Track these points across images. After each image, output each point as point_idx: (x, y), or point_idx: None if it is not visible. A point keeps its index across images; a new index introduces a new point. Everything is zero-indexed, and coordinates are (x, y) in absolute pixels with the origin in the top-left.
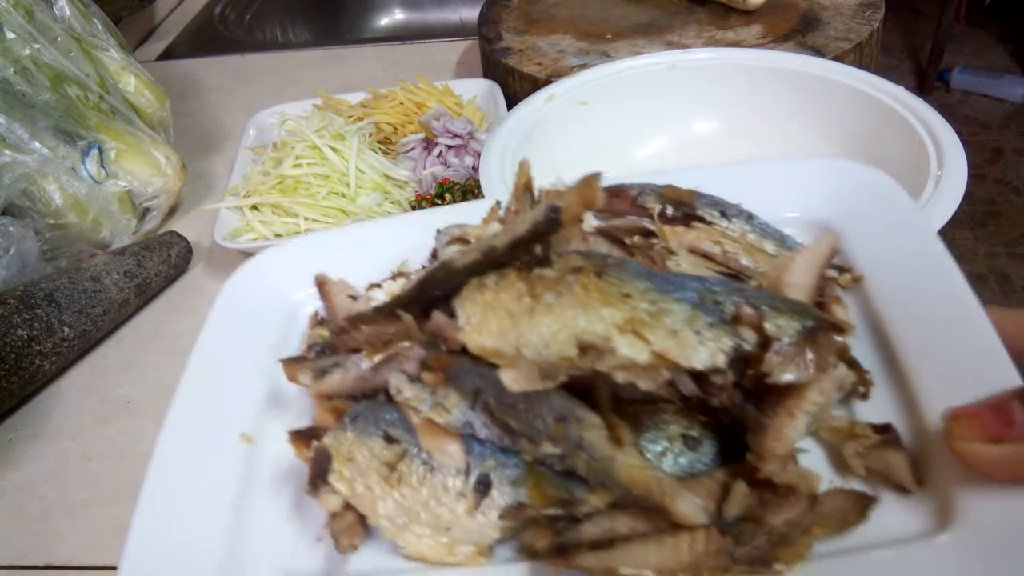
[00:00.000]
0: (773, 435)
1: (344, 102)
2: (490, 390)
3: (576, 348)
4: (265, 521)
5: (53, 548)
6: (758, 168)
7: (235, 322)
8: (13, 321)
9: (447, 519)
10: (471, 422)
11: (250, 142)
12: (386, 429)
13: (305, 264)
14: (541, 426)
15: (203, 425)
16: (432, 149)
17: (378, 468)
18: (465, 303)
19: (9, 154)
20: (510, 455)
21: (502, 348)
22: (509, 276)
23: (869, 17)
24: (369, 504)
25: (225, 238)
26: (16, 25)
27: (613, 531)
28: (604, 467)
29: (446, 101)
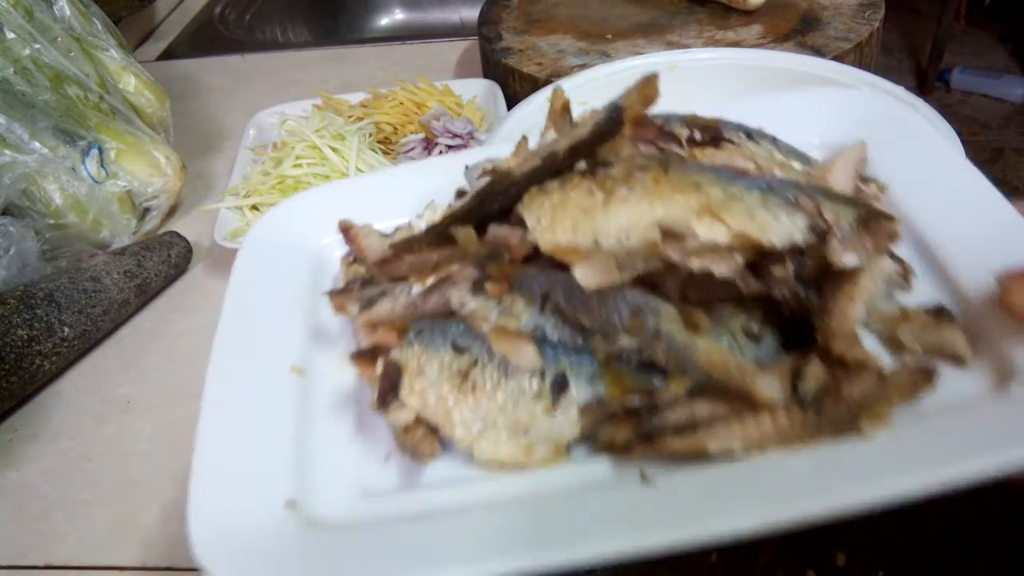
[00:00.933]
0: (839, 316)
1: (344, 102)
2: (560, 291)
3: (658, 232)
4: (329, 447)
5: (53, 548)
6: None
7: (265, 266)
8: (13, 321)
9: (525, 421)
10: (541, 326)
11: (250, 142)
12: (454, 340)
13: (327, 211)
14: (617, 320)
15: (250, 361)
16: (432, 149)
17: (450, 378)
18: (532, 207)
19: (9, 154)
20: (584, 354)
21: (579, 243)
22: (573, 179)
23: (869, 17)
24: (443, 414)
25: (225, 238)
26: (16, 25)
27: (694, 416)
28: (684, 354)
29: (446, 101)
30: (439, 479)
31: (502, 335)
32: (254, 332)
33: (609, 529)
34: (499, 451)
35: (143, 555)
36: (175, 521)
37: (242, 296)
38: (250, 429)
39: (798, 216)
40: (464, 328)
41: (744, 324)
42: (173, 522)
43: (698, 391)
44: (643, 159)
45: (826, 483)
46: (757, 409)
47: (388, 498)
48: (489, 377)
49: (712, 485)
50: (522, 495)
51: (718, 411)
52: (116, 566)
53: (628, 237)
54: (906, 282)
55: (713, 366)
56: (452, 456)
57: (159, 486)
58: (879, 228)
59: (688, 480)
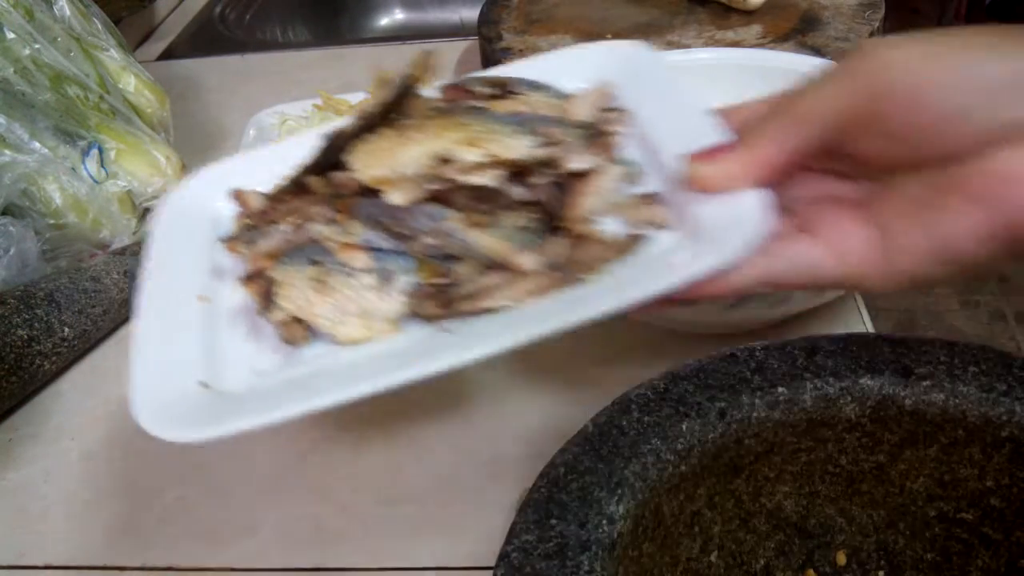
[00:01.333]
0: (576, 205)
1: (344, 102)
2: (382, 213)
3: (435, 160)
4: (230, 345)
5: (53, 548)
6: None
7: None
8: (13, 321)
9: (366, 307)
10: (371, 240)
11: (250, 142)
12: (311, 257)
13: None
14: (421, 226)
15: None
16: None
17: (310, 284)
18: (355, 154)
19: (9, 154)
20: (403, 255)
21: (386, 174)
22: (383, 131)
23: (869, 17)
24: (308, 310)
25: None
26: (16, 25)
27: (481, 285)
28: (469, 245)
29: None
30: (312, 357)
31: (343, 248)
32: (173, 272)
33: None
34: (351, 331)
35: (143, 555)
36: (175, 521)
37: (161, 246)
38: (172, 336)
39: (533, 138)
40: (319, 248)
41: (518, 221)
42: (173, 522)
43: (483, 269)
44: (430, 111)
45: (553, 313)
46: (521, 276)
47: (276, 374)
48: (337, 279)
49: (488, 327)
50: (369, 355)
51: (496, 281)
52: (116, 566)
53: (416, 165)
54: (637, 178)
55: (489, 250)
56: (320, 340)
57: (159, 486)
58: (601, 142)
59: (473, 327)
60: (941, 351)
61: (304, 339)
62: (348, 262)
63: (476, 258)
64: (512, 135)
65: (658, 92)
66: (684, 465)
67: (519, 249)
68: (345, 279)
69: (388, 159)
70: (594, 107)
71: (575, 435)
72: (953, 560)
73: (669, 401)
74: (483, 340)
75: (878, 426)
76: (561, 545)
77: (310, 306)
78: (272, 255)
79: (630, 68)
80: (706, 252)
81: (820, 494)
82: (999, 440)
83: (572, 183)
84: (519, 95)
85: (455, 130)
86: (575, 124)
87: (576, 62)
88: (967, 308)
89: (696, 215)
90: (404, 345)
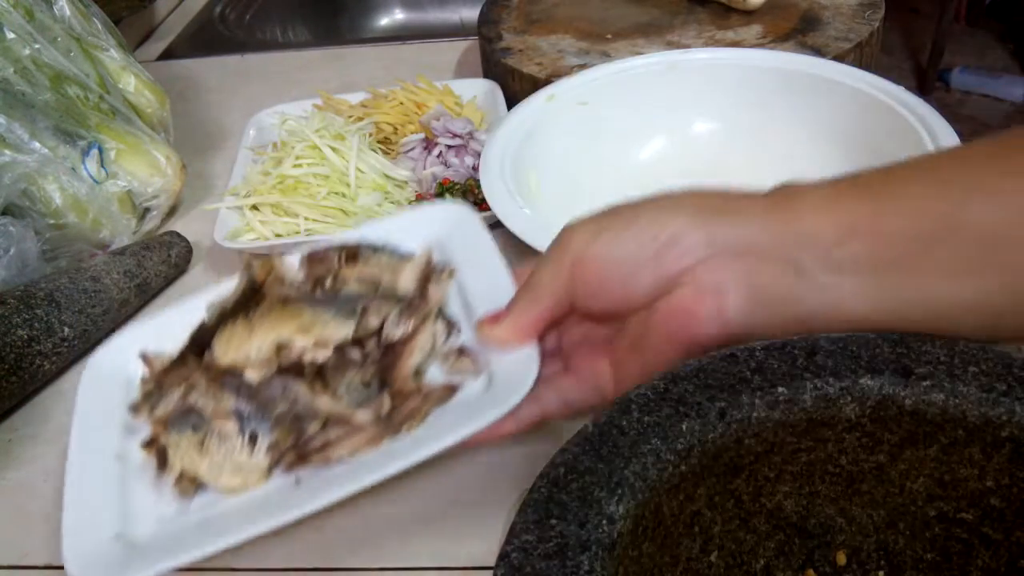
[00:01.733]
0: (400, 365)
1: (344, 102)
2: (244, 386)
3: (276, 347)
4: (138, 496)
5: (53, 548)
6: (396, 219)
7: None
8: (13, 321)
9: (238, 462)
10: (239, 407)
11: (250, 142)
12: (192, 425)
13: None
14: (275, 396)
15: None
16: (432, 149)
17: (194, 447)
18: (217, 342)
19: (9, 154)
20: (263, 419)
21: (241, 360)
22: (238, 321)
23: (869, 17)
24: (194, 468)
25: (225, 238)
26: (16, 25)
27: (327, 439)
28: (312, 408)
29: (446, 101)
30: (200, 505)
31: (217, 416)
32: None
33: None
34: (230, 482)
35: None
36: None
37: (85, 410)
38: (92, 493)
39: (349, 320)
40: (199, 416)
41: (359, 377)
42: None
43: (326, 425)
44: (274, 300)
45: (382, 462)
46: (358, 429)
47: (173, 520)
48: (214, 441)
49: (331, 477)
50: (246, 501)
51: (338, 433)
52: None
53: (262, 352)
54: (456, 333)
55: (329, 411)
56: (206, 491)
57: None
58: (415, 311)
59: (320, 476)
60: (941, 351)
61: (193, 490)
62: (222, 428)
63: (320, 418)
64: (335, 320)
65: (476, 252)
66: (684, 465)
67: (354, 407)
68: (221, 441)
69: (241, 346)
70: (422, 271)
71: (575, 435)
72: (953, 560)
73: (669, 401)
74: (329, 489)
75: (878, 426)
76: (561, 545)
77: (194, 464)
78: (164, 421)
79: (457, 229)
80: (496, 402)
81: (820, 494)
82: (999, 440)
83: (396, 347)
84: (366, 258)
85: (291, 320)
86: (398, 297)
87: (415, 223)
88: None
89: (492, 365)
90: (272, 489)
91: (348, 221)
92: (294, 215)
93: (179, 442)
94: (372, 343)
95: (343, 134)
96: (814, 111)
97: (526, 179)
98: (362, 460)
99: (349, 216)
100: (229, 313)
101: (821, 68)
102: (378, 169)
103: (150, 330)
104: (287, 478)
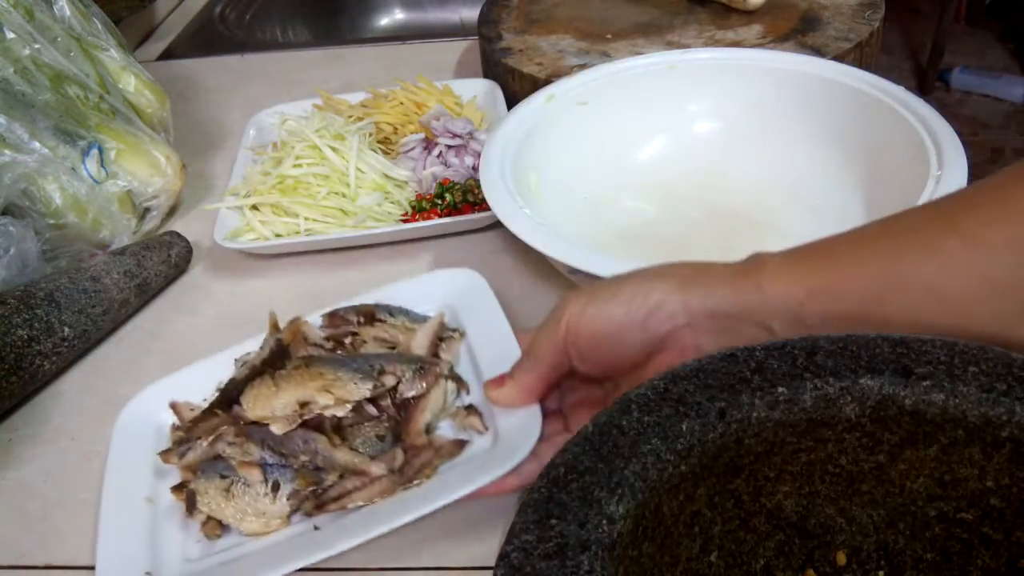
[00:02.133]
0: (412, 422)
1: (344, 102)
2: (269, 437)
3: (299, 405)
4: (167, 538)
5: (53, 548)
6: (410, 283)
7: (130, 434)
8: (13, 321)
9: (261, 508)
10: (263, 456)
11: (250, 142)
12: (220, 472)
13: (166, 396)
14: (297, 448)
15: (123, 496)
16: (432, 149)
17: (221, 493)
18: (246, 397)
19: (9, 154)
20: (286, 468)
21: (267, 414)
22: (265, 378)
23: (869, 17)
24: (220, 512)
25: (225, 238)
26: (16, 25)
27: (344, 489)
28: (331, 459)
29: (446, 101)
30: (224, 546)
31: (242, 465)
32: (126, 477)
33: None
34: (252, 526)
35: None
36: None
37: (118, 455)
38: (125, 533)
39: (368, 381)
40: (225, 465)
41: (374, 431)
42: None
43: (343, 475)
44: (298, 361)
45: (395, 512)
46: (373, 480)
47: (199, 560)
48: (240, 488)
49: (346, 524)
50: (267, 544)
51: (355, 484)
52: None
53: (286, 408)
54: (466, 392)
55: (344, 462)
56: (231, 534)
57: None
58: (428, 373)
59: (337, 524)
60: (941, 351)
61: (218, 533)
62: (247, 475)
63: (338, 468)
64: (354, 380)
65: (484, 315)
66: (684, 465)
67: (370, 459)
68: (246, 488)
69: (267, 402)
70: (435, 333)
71: (575, 435)
72: (953, 560)
73: (669, 401)
74: (346, 536)
75: (878, 426)
76: (561, 545)
77: (221, 509)
78: (192, 467)
79: (467, 293)
80: (502, 460)
81: (820, 494)
82: (999, 440)
83: (409, 405)
84: (382, 321)
85: (314, 379)
86: (411, 359)
87: (428, 286)
88: None
89: (498, 424)
90: (292, 534)
91: (348, 221)
92: (294, 215)
93: (207, 488)
94: (387, 400)
95: (343, 134)
96: (814, 111)
97: (526, 179)
98: (376, 508)
99: (349, 216)
100: (257, 370)
101: (821, 68)
102: (378, 169)
103: (179, 382)
104: (306, 523)
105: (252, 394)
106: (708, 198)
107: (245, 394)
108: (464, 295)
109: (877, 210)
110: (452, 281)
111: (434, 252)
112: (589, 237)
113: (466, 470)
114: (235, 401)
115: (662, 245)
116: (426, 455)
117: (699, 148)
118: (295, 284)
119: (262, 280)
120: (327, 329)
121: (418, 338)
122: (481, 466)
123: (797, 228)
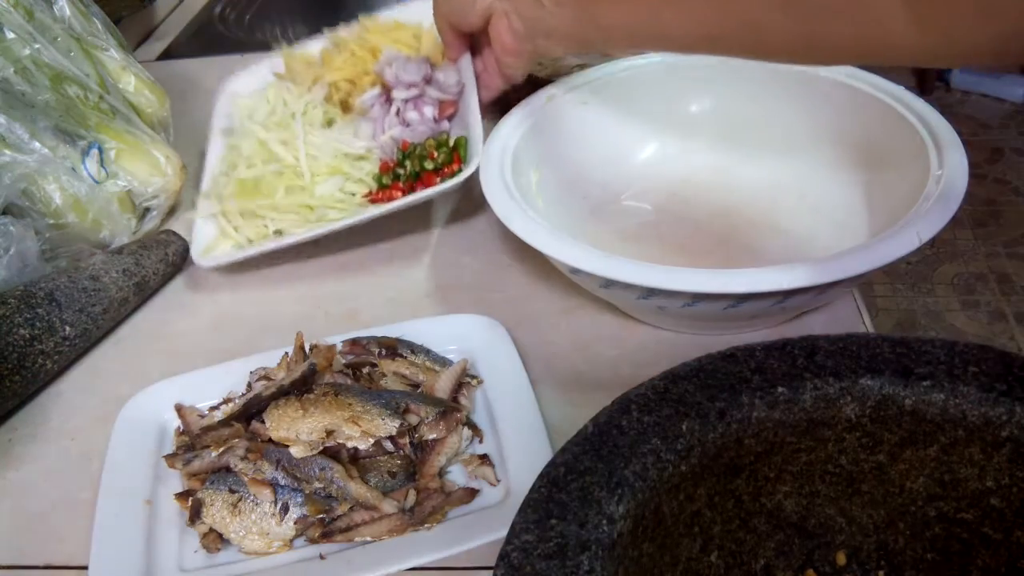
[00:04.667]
0: (427, 464)
1: (304, 58)
2: (285, 459)
3: (324, 432)
4: (165, 545)
5: (53, 548)
6: (433, 322)
7: (130, 434)
8: (15, 321)
9: (266, 528)
10: (276, 477)
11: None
12: (230, 486)
13: (169, 397)
14: (312, 474)
15: (122, 496)
16: (391, 104)
17: (227, 507)
18: (270, 415)
19: (9, 154)
20: (297, 492)
21: (290, 436)
22: (291, 400)
23: None
24: (224, 526)
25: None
26: (16, 25)
27: (352, 521)
28: (345, 490)
29: (401, 38)
30: (222, 561)
31: (254, 482)
32: (125, 477)
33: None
34: (254, 545)
35: None
36: None
37: (116, 455)
38: (120, 535)
39: (395, 420)
40: (235, 479)
41: (388, 467)
42: None
43: (354, 508)
44: (327, 387)
45: (404, 554)
46: (383, 517)
47: (195, 572)
48: (248, 505)
49: (352, 557)
50: (267, 567)
51: (365, 517)
52: None
53: (311, 434)
54: (480, 440)
55: (358, 495)
56: (230, 550)
57: None
58: (450, 418)
59: (342, 556)
60: (941, 351)
61: (218, 547)
62: (257, 493)
63: (349, 500)
64: (381, 415)
65: (502, 364)
66: (684, 465)
67: (382, 495)
68: (254, 506)
69: (292, 424)
70: (457, 379)
71: (575, 435)
72: (953, 560)
73: (669, 401)
74: (353, 571)
75: (878, 426)
76: (561, 545)
77: (225, 523)
78: (198, 476)
79: (487, 340)
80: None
81: (820, 494)
82: (999, 440)
83: (427, 446)
84: (403, 357)
85: (342, 409)
86: (435, 401)
87: (449, 327)
88: (967, 308)
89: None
90: (292, 559)
91: (312, 215)
92: (261, 217)
93: (215, 500)
94: (406, 438)
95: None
96: (814, 111)
97: (526, 179)
98: (384, 546)
99: (313, 210)
100: (284, 390)
101: (821, 68)
102: (332, 148)
103: (180, 384)
104: (307, 550)
105: (276, 414)
106: (708, 198)
107: (269, 412)
108: (484, 342)
109: (877, 210)
110: (473, 327)
111: (433, 253)
112: (589, 237)
113: (476, 521)
114: (255, 417)
115: (662, 245)
116: (438, 499)
117: (699, 148)
118: (289, 280)
119: (257, 276)
120: (348, 356)
121: (442, 381)
122: (490, 522)
123: (797, 228)
